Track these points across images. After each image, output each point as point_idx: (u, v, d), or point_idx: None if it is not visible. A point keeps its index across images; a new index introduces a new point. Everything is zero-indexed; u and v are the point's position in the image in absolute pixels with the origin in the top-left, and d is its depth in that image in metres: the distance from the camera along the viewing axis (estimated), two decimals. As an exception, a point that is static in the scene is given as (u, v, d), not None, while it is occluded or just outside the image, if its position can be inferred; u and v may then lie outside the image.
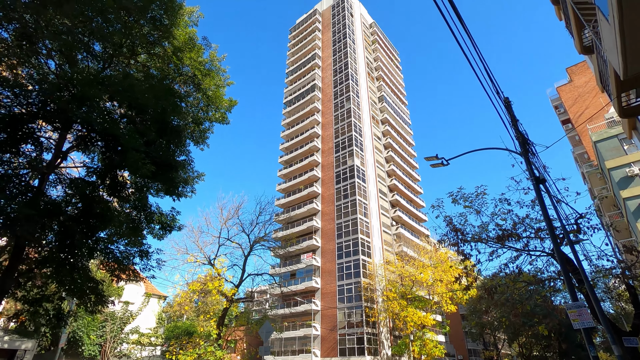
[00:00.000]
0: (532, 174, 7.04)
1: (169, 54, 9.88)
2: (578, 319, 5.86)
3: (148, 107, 7.24)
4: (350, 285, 39.45)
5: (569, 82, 45.21)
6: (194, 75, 10.26)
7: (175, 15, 9.72)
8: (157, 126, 7.92)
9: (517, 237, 10.28)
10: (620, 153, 27.92)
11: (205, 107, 11.17)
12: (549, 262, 11.34)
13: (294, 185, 52.29)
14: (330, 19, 65.53)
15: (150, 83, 8.19)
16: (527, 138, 7.39)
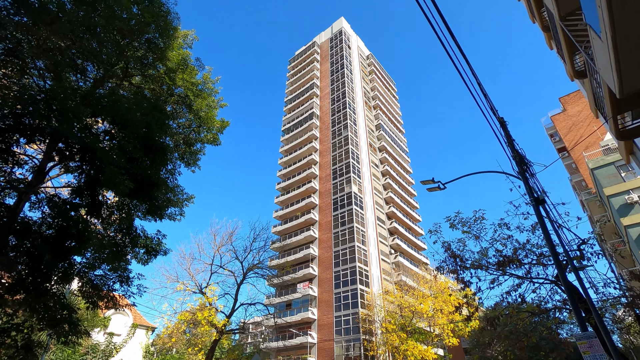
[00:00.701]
0: (531, 195, 6.74)
1: (161, 75, 9.85)
2: (589, 351, 5.34)
3: (132, 122, 7.02)
4: (348, 317, 38.01)
5: (562, 112, 46.00)
6: (185, 96, 10.19)
7: (170, 38, 9.78)
8: (141, 142, 7.67)
9: (519, 263, 9.81)
10: (618, 180, 27.81)
11: (197, 128, 11.04)
12: (553, 290, 10.80)
13: (291, 212, 51.74)
14: (328, 51, 67.61)
15: (137, 99, 8.05)
16: (524, 156, 7.17)
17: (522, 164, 7.06)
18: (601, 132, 38.84)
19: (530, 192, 6.86)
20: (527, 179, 6.98)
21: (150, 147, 7.74)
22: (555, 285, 10.62)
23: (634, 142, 13.33)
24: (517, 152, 7.19)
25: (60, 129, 5.83)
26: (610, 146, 30.49)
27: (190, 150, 11.09)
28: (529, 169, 7.19)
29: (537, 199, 6.76)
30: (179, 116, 11.14)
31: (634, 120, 9.52)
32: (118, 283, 9.69)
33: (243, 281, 22.57)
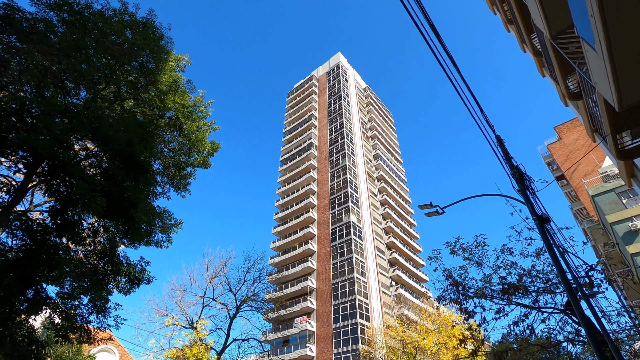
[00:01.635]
0: (534, 213, 6.34)
1: (152, 98, 9.74)
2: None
3: (113, 139, 6.72)
4: (348, 354, 36.04)
5: (558, 140, 46.36)
6: (176, 118, 10.03)
7: (162, 62, 9.78)
8: (121, 160, 7.34)
9: (525, 290, 9.19)
10: (619, 207, 27.38)
11: (188, 152, 10.80)
12: (564, 320, 10.08)
13: (288, 243, 50.69)
14: (326, 84, 69.38)
15: (122, 117, 7.84)
16: (524, 173, 6.82)
17: (522, 180, 6.72)
18: (599, 159, 38.89)
19: (533, 210, 6.47)
20: (528, 197, 6.61)
21: (132, 166, 7.40)
22: (565, 315, 9.92)
23: (634, 165, 13.09)
24: (516, 168, 6.86)
25: (28, 139, 5.52)
26: (609, 173, 30.34)
27: (180, 174, 10.78)
28: (531, 186, 6.84)
29: (541, 217, 6.35)
30: (170, 139, 10.94)
31: (634, 140, 9.31)
32: (94, 314, 8.96)
33: (236, 315, 21.48)
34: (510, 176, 6.89)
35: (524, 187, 6.71)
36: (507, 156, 7.06)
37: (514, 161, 6.92)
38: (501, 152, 7.05)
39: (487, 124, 7.01)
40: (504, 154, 7.07)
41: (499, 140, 7.21)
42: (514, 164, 6.93)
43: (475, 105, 6.47)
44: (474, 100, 6.91)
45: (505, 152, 7.11)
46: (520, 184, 6.72)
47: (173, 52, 10.54)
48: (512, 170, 6.92)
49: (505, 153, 7.10)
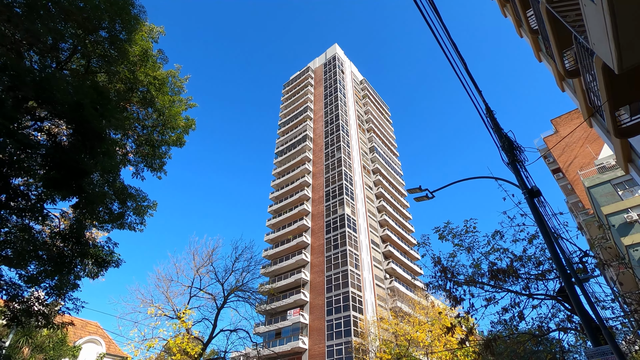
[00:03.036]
0: (524, 186, 5.82)
1: (122, 70, 9.10)
2: (605, 372, 4.25)
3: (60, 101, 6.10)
4: (341, 346, 35.76)
5: (554, 133, 45.96)
6: (147, 91, 9.39)
7: (133, 31, 9.11)
8: (74, 127, 6.73)
9: (515, 274, 8.71)
10: (615, 199, 27.03)
11: (162, 129, 10.18)
12: (556, 308, 9.63)
13: (282, 235, 50.23)
14: (322, 76, 68.52)
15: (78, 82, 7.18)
16: (513, 141, 6.28)
17: (511, 150, 6.19)
18: (596, 152, 38.52)
19: (523, 183, 5.95)
20: (518, 169, 6.09)
21: (85, 133, 6.79)
22: (557, 303, 9.47)
23: (632, 149, 12.60)
24: (505, 136, 6.33)
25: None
26: (605, 164, 29.95)
27: (154, 153, 10.18)
28: (520, 157, 6.31)
29: (531, 190, 5.83)
30: (144, 117, 10.31)
31: (633, 116, 8.79)
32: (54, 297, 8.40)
33: (224, 305, 21.00)
34: (499, 149, 6.36)
35: (513, 157, 6.19)
36: (496, 127, 6.52)
37: (504, 131, 6.39)
38: (491, 123, 6.52)
39: (478, 92, 6.46)
40: (493, 124, 6.54)
41: (488, 111, 6.67)
42: (503, 133, 6.40)
43: (466, 74, 5.92)
44: (465, 68, 6.36)
45: (495, 123, 6.58)
46: (509, 155, 6.20)
47: (146, 21, 9.87)
48: (501, 142, 6.40)
49: (495, 124, 6.56)
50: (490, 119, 6.51)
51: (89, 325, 27.48)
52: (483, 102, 6.51)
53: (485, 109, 6.65)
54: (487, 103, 6.61)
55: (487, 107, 6.68)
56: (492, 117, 6.58)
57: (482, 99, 6.66)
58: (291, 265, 45.88)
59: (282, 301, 42.77)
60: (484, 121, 6.27)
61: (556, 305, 9.66)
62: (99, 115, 6.71)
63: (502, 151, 6.30)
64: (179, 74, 10.69)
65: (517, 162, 6.18)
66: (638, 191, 26.88)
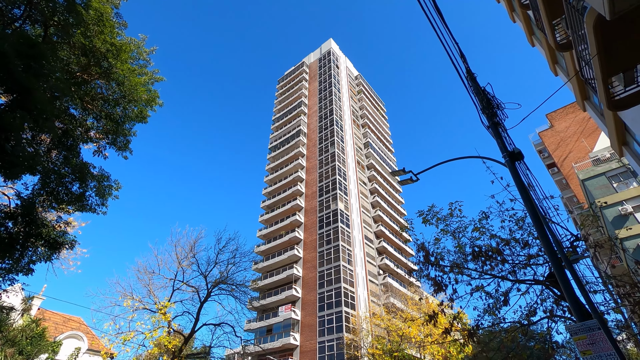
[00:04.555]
0: (504, 148, 5.21)
1: (78, 37, 8.40)
2: (590, 349, 3.63)
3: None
4: (332, 342, 35.20)
5: (550, 128, 45.56)
6: (104, 58, 8.69)
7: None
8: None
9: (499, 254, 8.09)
10: (610, 191, 26.58)
11: (123, 103, 9.46)
12: (544, 294, 9.04)
13: (275, 231, 49.58)
14: (317, 71, 67.80)
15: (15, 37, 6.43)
16: (491, 96, 5.65)
17: (489, 107, 5.58)
18: (591, 146, 38.10)
19: (503, 145, 5.34)
20: (497, 129, 5.48)
21: (11, 87, 6.11)
22: (546, 288, 8.89)
23: (626, 130, 12.04)
24: (483, 92, 5.69)
25: None
26: (600, 157, 29.51)
27: (117, 130, 9.49)
28: (500, 115, 5.69)
29: (512, 153, 5.23)
30: (109, 93, 9.60)
31: (627, 87, 8.20)
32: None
33: (207, 299, 20.33)
34: (479, 112, 5.76)
35: (494, 121, 5.58)
36: (477, 89, 5.90)
37: (482, 87, 5.78)
38: (471, 85, 5.90)
39: (460, 54, 5.83)
40: (474, 87, 5.92)
41: (469, 74, 6.06)
42: (481, 88, 5.77)
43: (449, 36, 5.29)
44: (445, 27, 5.73)
45: (476, 85, 5.96)
46: (489, 117, 5.59)
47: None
48: (482, 106, 5.79)
49: (475, 86, 5.94)
50: (471, 82, 5.90)
51: (71, 321, 26.75)
52: (464, 64, 5.89)
53: (466, 70, 6.03)
54: (468, 65, 6.00)
55: (468, 70, 6.07)
56: (472, 79, 5.96)
57: (463, 60, 6.04)
58: (284, 261, 45.26)
59: (273, 297, 42.19)
60: (464, 84, 5.65)
61: (545, 292, 9.08)
62: (23, 66, 5.97)
63: (482, 114, 5.69)
64: (144, 45, 9.98)
65: (497, 125, 5.56)
66: (633, 183, 26.44)
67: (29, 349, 20.63)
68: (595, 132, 40.57)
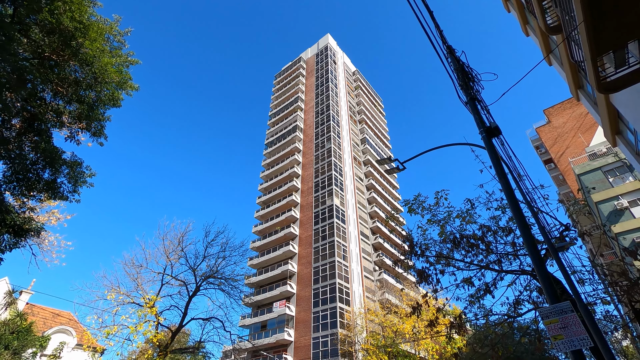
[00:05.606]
0: (482, 124, 4.87)
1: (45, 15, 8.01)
2: (562, 333, 3.29)
3: None
4: (326, 338, 34.98)
5: (547, 123, 45.21)
6: (71, 36, 8.29)
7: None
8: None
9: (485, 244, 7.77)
10: (606, 186, 26.30)
11: (95, 85, 9.08)
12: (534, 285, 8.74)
13: (270, 226, 49.26)
14: (314, 66, 67.30)
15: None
16: (465, 65, 5.29)
17: (465, 77, 5.23)
18: (588, 142, 37.78)
19: (481, 120, 5.00)
20: (476, 107, 5.13)
21: None
22: (533, 279, 8.59)
23: (620, 118, 11.71)
24: (456, 58, 5.34)
25: None
26: (597, 152, 29.19)
27: (89, 114, 9.11)
28: (476, 87, 5.35)
29: (489, 128, 4.89)
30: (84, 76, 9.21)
31: (618, 69, 7.86)
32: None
33: (196, 293, 20.03)
34: (457, 89, 5.41)
35: (471, 94, 5.24)
36: (457, 64, 5.54)
37: (458, 56, 5.42)
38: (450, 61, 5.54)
39: (435, 25, 5.48)
40: (453, 62, 5.57)
41: (450, 51, 5.71)
42: (460, 62, 5.42)
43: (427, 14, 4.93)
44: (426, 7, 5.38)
45: (455, 60, 5.60)
46: (466, 90, 5.24)
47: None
48: (460, 82, 5.44)
49: (454, 60, 5.58)
50: (449, 56, 5.55)
51: (60, 316, 26.44)
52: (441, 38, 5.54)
53: (447, 49, 5.67)
54: (446, 40, 5.64)
55: (448, 47, 5.71)
56: (451, 52, 5.61)
57: (442, 37, 5.69)
58: (279, 256, 44.99)
59: (268, 293, 41.95)
60: (443, 63, 5.30)
61: (532, 282, 8.78)
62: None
63: (459, 91, 5.34)
64: (118, 26, 9.56)
65: (474, 100, 5.22)
66: (629, 178, 26.16)
67: (16, 344, 20.31)
68: (593, 128, 40.22)
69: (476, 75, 5.46)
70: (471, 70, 5.49)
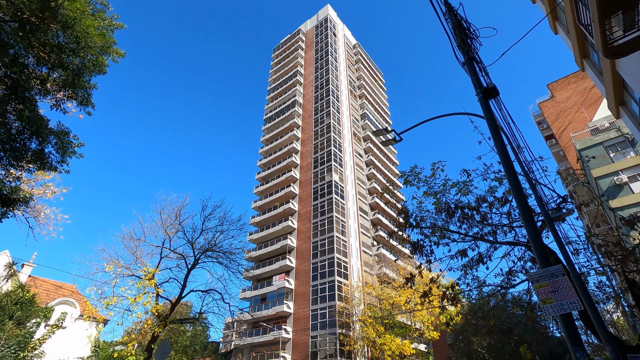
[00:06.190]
0: (479, 85, 4.63)
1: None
2: (552, 297, 3.22)
3: None
4: (325, 310, 35.84)
5: (550, 98, 44.37)
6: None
7: None
8: None
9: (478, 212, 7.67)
10: (606, 161, 26.06)
11: (79, 51, 8.69)
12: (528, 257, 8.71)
13: (270, 202, 49.44)
14: (314, 39, 65.39)
15: None
16: (463, 19, 5.00)
17: (463, 37, 4.93)
18: (592, 117, 37.20)
19: (478, 80, 4.76)
20: (474, 67, 4.86)
21: None
22: (528, 250, 8.54)
23: (625, 88, 11.34)
24: (454, 14, 5.03)
25: None
26: (599, 126, 28.75)
27: (74, 82, 8.76)
28: (474, 44, 5.06)
29: (486, 88, 4.66)
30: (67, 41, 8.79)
31: (627, 32, 7.47)
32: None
33: (195, 266, 20.25)
34: (454, 48, 5.11)
35: (465, 43, 4.95)
36: (455, 19, 5.18)
37: (456, 10, 5.09)
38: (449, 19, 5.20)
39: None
40: (453, 18, 5.22)
41: (448, 7, 5.34)
42: (457, 18, 5.10)
43: None
44: None
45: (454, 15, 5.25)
46: (463, 50, 4.95)
47: None
48: (457, 40, 5.13)
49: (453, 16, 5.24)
50: (449, 13, 5.20)
51: (63, 288, 26.92)
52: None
53: (445, 4, 5.30)
54: None
55: (446, 2, 5.34)
56: (450, 10, 5.25)
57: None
58: (278, 232, 45.41)
59: (268, 267, 42.63)
60: (439, 18, 4.95)
61: (527, 254, 8.74)
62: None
63: (456, 50, 5.04)
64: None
65: (472, 60, 4.93)
66: (630, 153, 25.89)
67: (20, 314, 20.75)
68: (597, 103, 39.48)
69: (474, 31, 5.13)
70: (469, 26, 5.16)
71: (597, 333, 6.25)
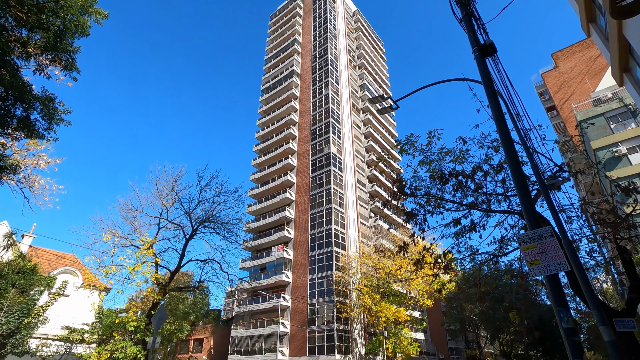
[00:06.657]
0: (476, 42, 4.40)
1: None
2: (539, 258, 3.20)
3: None
4: (322, 279, 36.72)
5: (554, 68, 43.31)
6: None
7: None
8: None
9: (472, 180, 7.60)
10: (607, 132, 25.79)
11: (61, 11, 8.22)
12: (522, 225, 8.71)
13: (268, 174, 49.40)
14: (312, 5, 62.82)
15: None
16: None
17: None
18: (594, 87, 36.45)
19: (475, 38, 4.52)
20: (471, 24, 4.60)
21: None
22: (521, 219, 8.53)
23: (630, 53, 10.96)
24: None
25: None
26: (602, 97, 28.22)
27: (56, 45, 8.35)
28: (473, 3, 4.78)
29: (483, 46, 4.43)
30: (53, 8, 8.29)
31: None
32: None
33: (193, 236, 20.43)
34: (452, 3, 4.80)
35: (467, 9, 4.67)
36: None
37: None
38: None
39: None
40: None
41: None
42: None
43: None
44: None
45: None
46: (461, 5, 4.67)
47: None
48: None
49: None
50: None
51: (64, 258, 27.32)
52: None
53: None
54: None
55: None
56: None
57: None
58: (276, 203, 45.67)
59: (267, 238, 43.24)
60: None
61: (520, 222, 8.74)
62: None
63: (453, 4, 4.74)
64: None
65: (470, 16, 4.65)
66: (631, 124, 25.56)
67: (22, 283, 21.14)
68: (600, 74, 38.56)
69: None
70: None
71: (585, 299, 6.33)
